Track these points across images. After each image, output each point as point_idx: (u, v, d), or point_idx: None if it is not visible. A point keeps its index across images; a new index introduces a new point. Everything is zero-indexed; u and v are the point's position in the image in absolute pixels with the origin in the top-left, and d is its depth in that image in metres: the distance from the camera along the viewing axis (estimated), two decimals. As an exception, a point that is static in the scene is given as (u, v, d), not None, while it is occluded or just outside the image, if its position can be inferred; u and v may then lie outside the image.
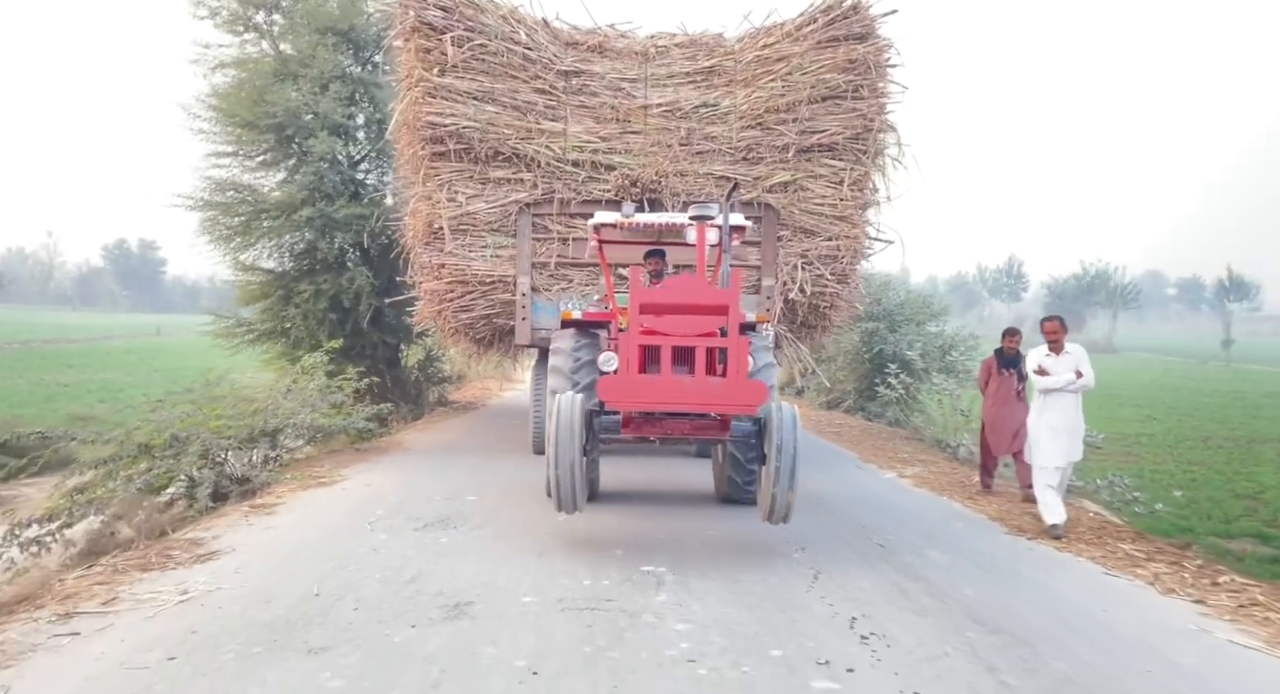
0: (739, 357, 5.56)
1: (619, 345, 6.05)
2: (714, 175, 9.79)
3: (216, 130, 13.15)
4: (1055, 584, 5.40)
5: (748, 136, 9.82)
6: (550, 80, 9.74)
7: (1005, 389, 8.73)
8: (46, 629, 4.14)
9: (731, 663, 3.87)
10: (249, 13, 13.72)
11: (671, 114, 9.86)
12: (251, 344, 13.68)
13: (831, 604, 4.76)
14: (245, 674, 3.64)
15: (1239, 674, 3.99)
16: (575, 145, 9.67)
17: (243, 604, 4.54)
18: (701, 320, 5.65)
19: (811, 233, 9.95)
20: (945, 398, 14.00)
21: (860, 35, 9.89)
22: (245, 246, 13.11)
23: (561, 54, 9.92)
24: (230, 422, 8.48)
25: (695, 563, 5.60)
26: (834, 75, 9.75)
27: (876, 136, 9.89)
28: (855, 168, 9.87)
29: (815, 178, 9.89)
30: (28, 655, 3.83)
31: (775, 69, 9.83)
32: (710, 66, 10.08)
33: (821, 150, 9.87)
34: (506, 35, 9.68)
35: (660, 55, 10.15)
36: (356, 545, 5.83)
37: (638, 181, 9.53)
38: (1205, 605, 5.02)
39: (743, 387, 5.43)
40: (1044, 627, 4.51)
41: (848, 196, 9.87)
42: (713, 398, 5.47)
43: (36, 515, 6.50)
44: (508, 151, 9.60)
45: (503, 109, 9.58)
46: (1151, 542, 6.72)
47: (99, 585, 4.81)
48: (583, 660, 3.87)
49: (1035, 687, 3.72)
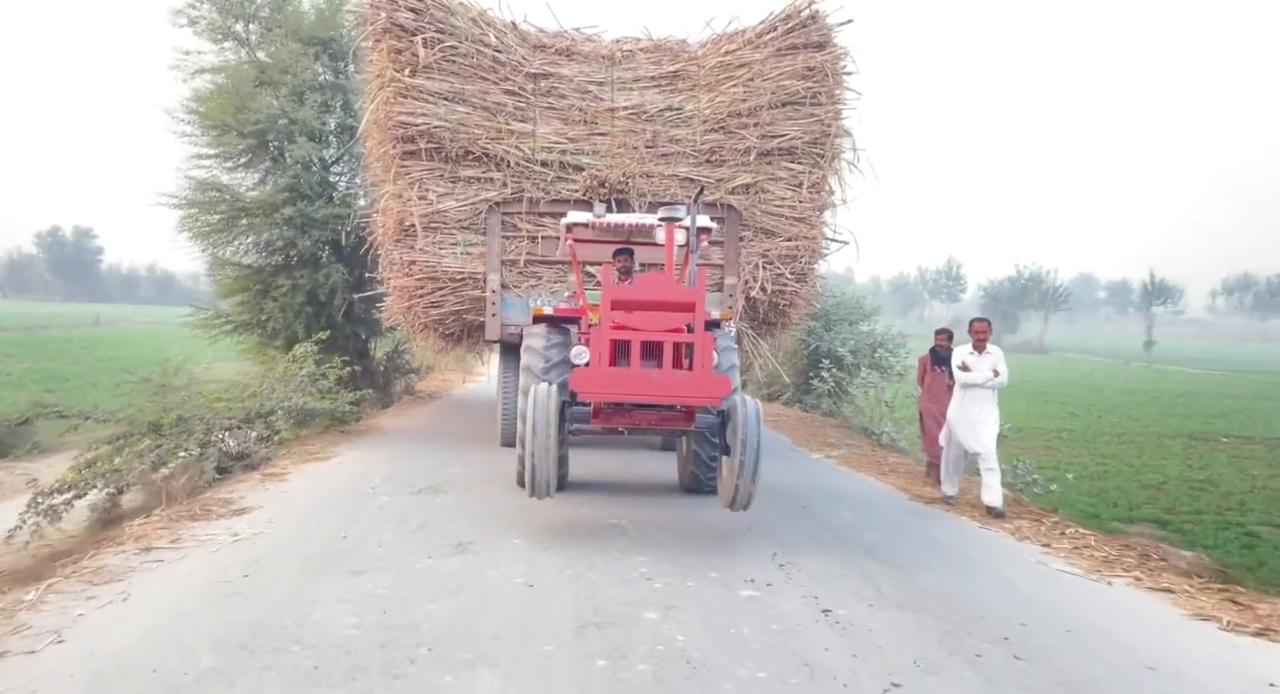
0: (704, 351, 5.77)
1: (590, 339, 6.23)
2: (679, 177, 9.90)
3: (197, 133, 13.78)
4: (935, 532, 6.60)
5: (711, 140, 9.96)
6: (519, 82, 9.79)
7: (938, 384, 9.18)
8: (136, 558, 5.09)
9: (681, 581, 5.06)
10: (228, 22, 14.08)
11: (637, 117, 9.94)
12: (229, 335, 14.48)
13: (759, 546, 5.94)
14: (308, 585, 4.66)
15: (1059, 590, 5.28)
16: (544, 146, 9.74)
17: (286, 543, 5.50)
18: (669, 317, 5.84)
19: (772, 233, 10.12)
20: (872, 390, 15.46)
21: (818, 44, 10.10)
22: (224, 243, 13.89)
23: (530, 57, 9.97)
24: (229, 404, 9.45)
25: (652, 519, 6.47)
26: (793, 82, 9.95)
27: (833, 141, 10.08)
28: (813, 171, 10.07)
29: (775, 180, 10.07)
30: (130, 573, 4.80)
31: (737, 75, 10.00)
32: (674, 71, 10.19)
33: (781, 154, 10.05)
34: (476, 38, 9.72)
35: (626, 59, 10.23)
36: (365, 504, 6.68)
37: (606, 182, 9.64)
38: (1049, 548, 6.31)
39: (708, 380, 5.63)
40: (919, 558, 5.70)
41: (806, 199, 10.06)
42: (679, 390, 5.67)
43: (56, 485, 7.41)
44: (478, 151, 9.64)
45: (473, 109, 9.61)
46: (1025, 507, 8.12)
47: (161, 530, 5.78)
48: (566, 578, 4.92)
49: (903, 593, 4.97)
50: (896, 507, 7.73)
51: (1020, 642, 4.17)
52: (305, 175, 13.64)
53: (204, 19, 14.13)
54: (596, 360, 5.92)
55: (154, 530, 5.70)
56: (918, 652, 3.96)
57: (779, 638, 4.08)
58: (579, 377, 5.67)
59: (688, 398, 5.74)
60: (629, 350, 5.79)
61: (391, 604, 4.36)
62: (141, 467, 7.66)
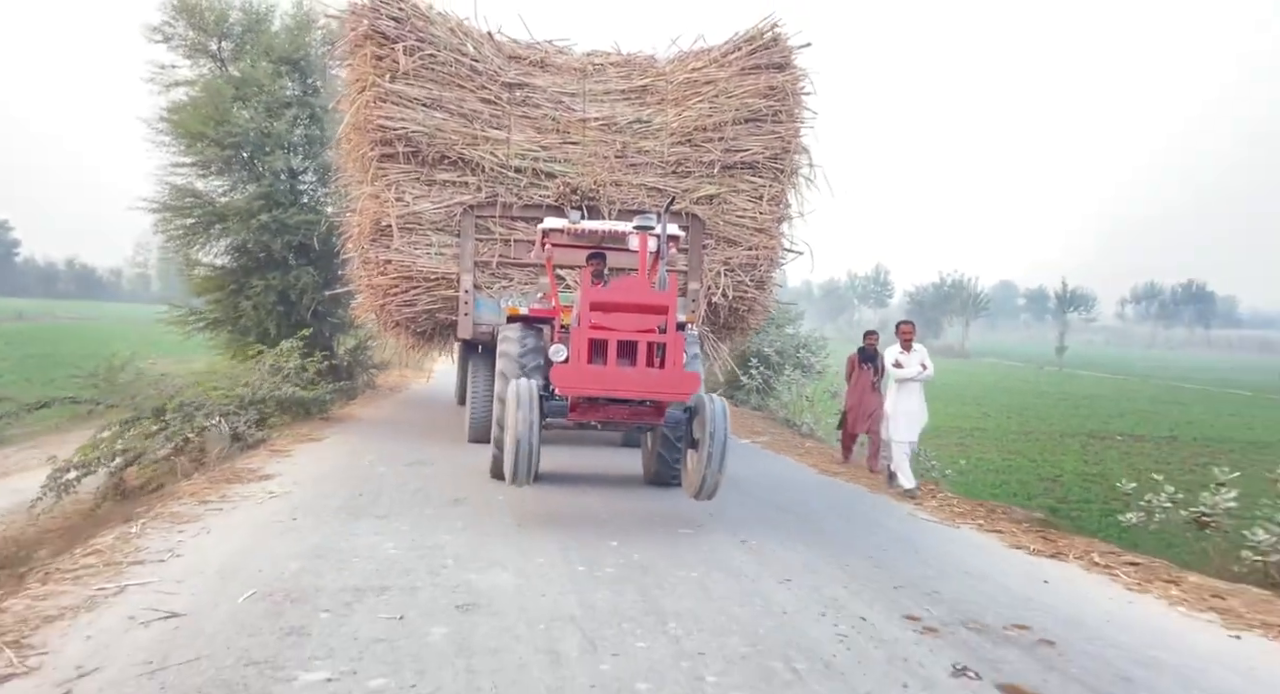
0: (676, 350, 6.15)
1: (570, 338, 6.54)
2: (646, 186, 10.33)
3: (173, 143, 14.74)
4: (834, 495, 8.35)
5: (677, 152, 10.42)
6: (495, 91, 10.17)
7: (864, 380, 10.05)
8: (199, 508, 6.27)
9: (635, 524, 6.50)
10: (203, 39, 15.06)
11: (608, 128, 10.35)
12: (201, 331, 15.51)
13: (693, 504, 7.26)
14: (347, 525, 5.95)
15: (917, 530, 6.90)
16: (518, 153, 10.10)
17: (314, 499, 6.70)
18: (644, 318, 6.20)
19: (733, 242, 10.59)
20: (795, 387, 17.22)
21: (779, 65, 10.63)
22: (199, 245, 14.89)
23: (505, 67, 10.34)
24: (225, 393, 10.62)
25: (614, 491, 7.65)
26: (755, 100, 10.44)
27: (792, 157, 10.63)
28: (773, 185, 10.58)
29: (737, 192, 10.56)
30: (201, 517, 6.06)
31: (703, 91, 10.49)
32: (644, 85, 10.65)
33: (743, 168, 10.54)
34: (454, 47, 10.10)
35: (597, 72, 10.67)
36: (367, 472, 7.96)
37: (577, 189, 10.05)
38: (920, 506, 8.05)
39: (679, 377, 6.04)
40: (819, 511, 7.38)
41: (766, 211, 10.57)
42: (652, 386, 6.04)
43: (73, 461, 8.52)
44: (454, 156, 9.98)
45: (450, 116, 9.96)
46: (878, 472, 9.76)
47: (207, 489, 7.04)
48: (548, 522, 6.29)
49: (802, 531, 6.53)
50: (807, 478, 9.39)
51: (879, 558, 5.79)
52: (278, 184, 14.76)
53: (179, 36, 15.10)
54: (576, 357, 6.25)
55: (201, 490, 6.95)
56: (805, 563, 5.53)
57: (708, 555, 5.61)
58: (559, 372, 6.09)
59: (660, 393, 6.12)
60: (606, 349, 6.15)
61: (416, 536, 5.75)
62: (152, 445, 8.75)
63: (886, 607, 4.66)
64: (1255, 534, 6.55)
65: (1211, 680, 3.88)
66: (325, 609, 4.22)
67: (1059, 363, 65.45)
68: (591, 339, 6.19)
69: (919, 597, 4.89)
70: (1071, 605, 4.95)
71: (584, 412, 6.56)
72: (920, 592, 5.00)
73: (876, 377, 10.03)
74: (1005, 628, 4.42)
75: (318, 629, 3.95)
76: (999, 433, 21.80)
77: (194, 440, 9.19)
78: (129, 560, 4.96)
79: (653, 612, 4.39)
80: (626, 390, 6.08)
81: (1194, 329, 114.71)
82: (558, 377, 6.08)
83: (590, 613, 4.32)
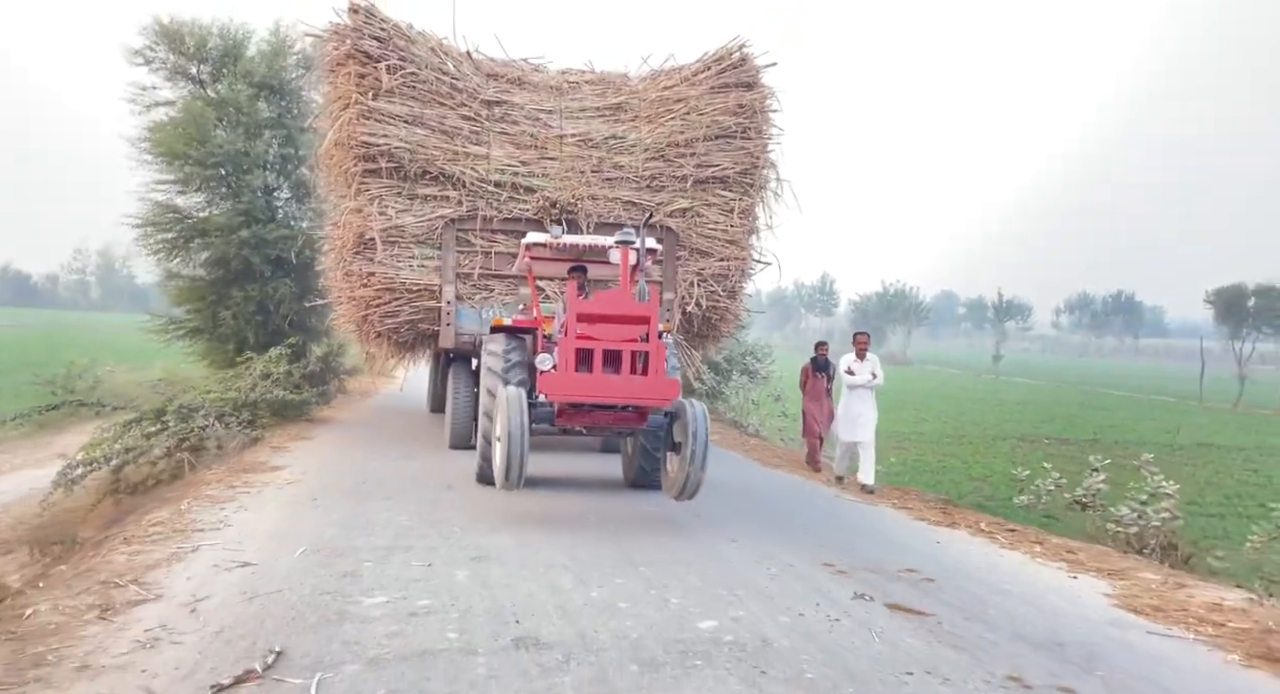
0: (658, 358, 6.46)
1: (558, 347, 6.82)
2: (622, 200, 10.71)
3: (153, 161, 15.42)
4: (778, 482, 9.70)
5: (651, 167, 10.81)
6: (475, 108, 10.52)
7: (817, 387, 10.72)
8: (228, 492, 7.28)
9: (608, 506, 7.70)
10: (184, 63, 15.91)
11: (584, 144, 10.73)
12: (181, 339, 16.38)
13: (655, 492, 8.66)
14: (361, 504, 6.93)
15: (841, 508, 8.28)
16: (497, 168, 10.44)
17: (326, 484, 7.68)
18: (627, 328, 6.52)
19: (706, 254, 11.01)
20: (742, 391, 18.59)
21: (747, 84, 11.06)
22: (180, 257, 15.71)
23: (484, 84, 10.70)
24: (220, 396, 11.55)
25: (594, 485, 8.46)
26: (725, 117, 10.86)
27: (761, 172, 11.10)
28: (743, 198, 11.04)
29: (709, 206, 11.00)
30: (234, 498, 7.05)
31: (675, 109, 10.92)
32: (618, 103, 11.06)
33: (715, 182, 10.98)
34: (435, 66, 10.44)
35: (573, 90, 11.07)
36: (364, 464, 8.95)
37: (556, 203, 10.41)
38: (845, 490, 9.41)
39: (661, 384, 6.40)
40: (766, 493, 8.74)
41: (737, 223, 11.02)
42: (636, 392, 6.39)
43: (80, 459, 9.41)
44: (435, 171, 10.30)
45: (431, 132, 10.28)
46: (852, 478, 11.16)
47: (229, 477, 8.03)
48: (532, 500, 7.42)
49: (756, 507, 7.85)
50: (753, 470, 10.71)
51: (808, 526, 7.11)
52: (256, 201, 15.68)
53: (159, 59, 15.91)
54: (563, 366, 6.52)
55: (224, 477, 7.98)
56: (747, 529, 6.78)
57: (670, 524, 6.82)
58: (547, 380, 6.43)
59: (643, 399, 6.47)
60: (591, 357, 6.46)
61: (423, 511, 6.82)
62: (154, 444, 9.61)
63: (809, 557, 5.94)
64: (1119, 510, 8.01)
65: (1044, 603, 5.24)
66: (366, 560, 5.34)
67: (995, 371, 68.03)
68: (578, 348, 6.49)
69: (835, 551, 6.18)
70: (954, 558, 6.30)
71: (570, 417, 6.84)
72: (837, 548, 6.29)
73: (829, 384, 10.67)
74: (899, 571, 5.73)
75: (365, 572, 5.08)
76: (935, 436, 23.20)
77: (193, 439, 10.04)
78: (190, 528, 6.01)
79: (626, 561, 5.60)
80: (612, 396, 6.45)
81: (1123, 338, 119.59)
82: (546, 384, 6.44)
83: (578, 562, 5.51)
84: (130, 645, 3.86)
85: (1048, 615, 4.95)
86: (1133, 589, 5.62)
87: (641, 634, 4.20)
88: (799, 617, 4.61)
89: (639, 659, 3.88)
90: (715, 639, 4.19)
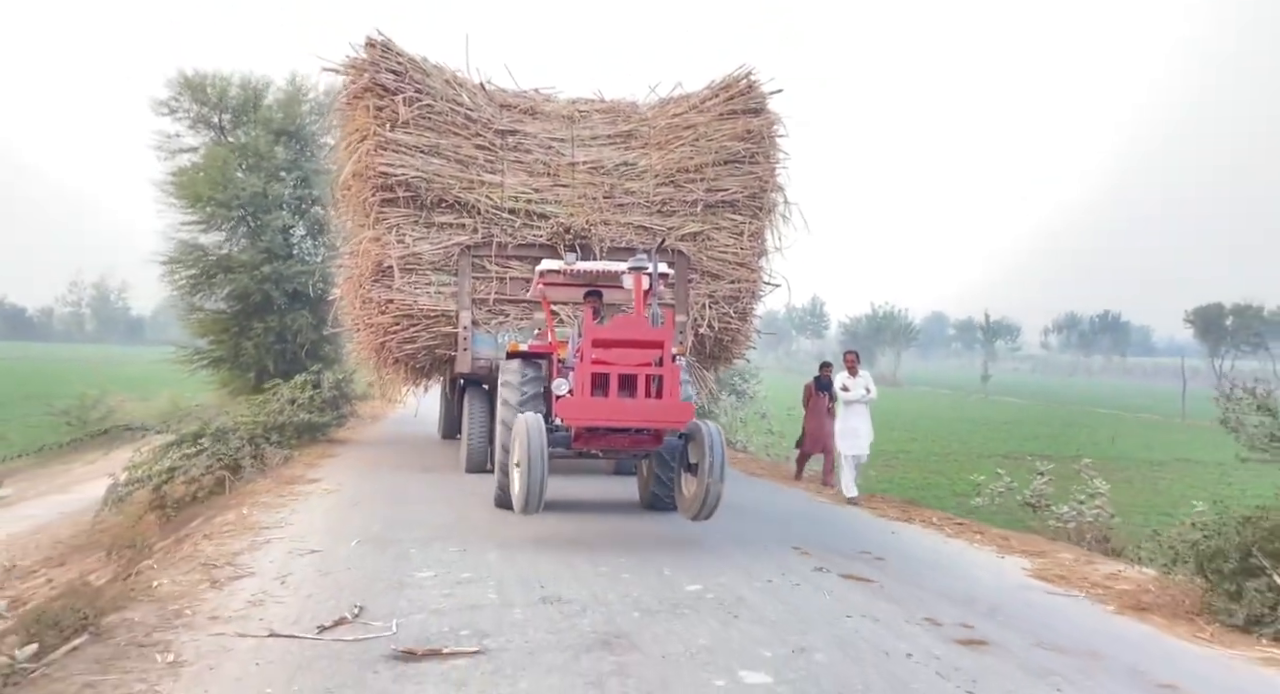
0: (672, 382, 6.59)
1: (574, 372, 6.95)
2: (633, 225, 10.95)
3: (180, 204, 17.04)
4: (760, 487, 10.82)
5: (662, 192, 11.06)
6: (489, 138, 10.81)
7: (820, 406, 11.14)
8: (279, 499, 8.41)
9: (613, 512, 8.79)
10: (206, 112, 17.64)
11: (595, 171, 10.98)
12: (204, 368, 17.69)
13: None
14: (396, 508, 8.06)
15: (815, 508, 9.45)
16: (511, 196, 10.71)
17: (363, 493, 8.87)
18: (642, 352, 6.63)
19: (717, 277, 11.20)
20: (731, 410, 19.76)
21: (755, 110, 11.32)
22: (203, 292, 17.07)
23: (498, 115, 11.00)
24: (251, 419, 12.63)
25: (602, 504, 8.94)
26: (734, 143, 11.12)
27: (769, 196, 11.35)
28: (753, 222, 11.28)
29: (719, 229, 11.22)
30: (286, 504, 8.17)
31: (684, 135, 11.20)
32: (628, 130, 11.32)
33: (724, 206, 11.22)
34: (450, 97, 10.73)
35: (584, 119, 11.33)
36: (391, 478, 10.15)
37: (570, 229, 10.68)
38: (820, 493, 10.58)
39: (676, 407, 6.53)
40: (747, 496, 9.61)
41: (746, 246, 11.24)
42: (651, 415, 6.49)
43: (125, 479, 10.38)
44: (451, 199, 10.55)
45: (447, 162, 10.53)
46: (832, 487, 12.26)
47: (278, 488, 9.13)
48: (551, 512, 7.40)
49: (737, 507, 8.72)
50: (738, 477, 11.68)
51: (783, 521, 8.26)
52: (276, 239, 16.96)
53: (183, 109, 17.33)
54: (580, 390, 6.62)
55: (272, 488, 9.09)
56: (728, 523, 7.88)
57: (665, 520, 7.95)
58: (564, 405, 6.55)
59: (659, 422, 6.58)
60: (608, 382, 6.54)
61: (452, 511, 8.01)
62: (195, 463, 10.62)
63: (780, 542, 7.10)
64: (1060, 508, 9.16)
65: (970, 574, 6.44)
66: (411, 548, 6.45)
67: (984, 390, 69.15)
68: (594, 373, 6.61)
69: (804, 539, 7.32)
70: (904, 544, 7.49)
71: (587, 440, 6.92)
72: (806, 537, 7.43)
73: (831, 403, 10.93)
74: (856, 553, 6.90)
75: (413, 556, 6.20)
76: (922, 455, 23.97)
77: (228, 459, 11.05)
78: (257, 526, 7.13)
79: (628, 545, 6.75)
80: (627, 420, 6.54)
81: (1110, 357, 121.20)
82: (563, 409, 6.57)
83: (589, 548, 6.61)
84: (243, 604, 4.99)
85: (969, 582, 6.13)
86: (1049, 565, 6.80)
87: (641, 593, 5.35)
88: (768, 582, 5.77)
89: (639, 608, 5.02)
90: (699, 596, 5.35)
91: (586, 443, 6.98)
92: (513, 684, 3.83)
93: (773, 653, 4.34)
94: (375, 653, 4.17)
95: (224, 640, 4.34)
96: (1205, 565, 5.27)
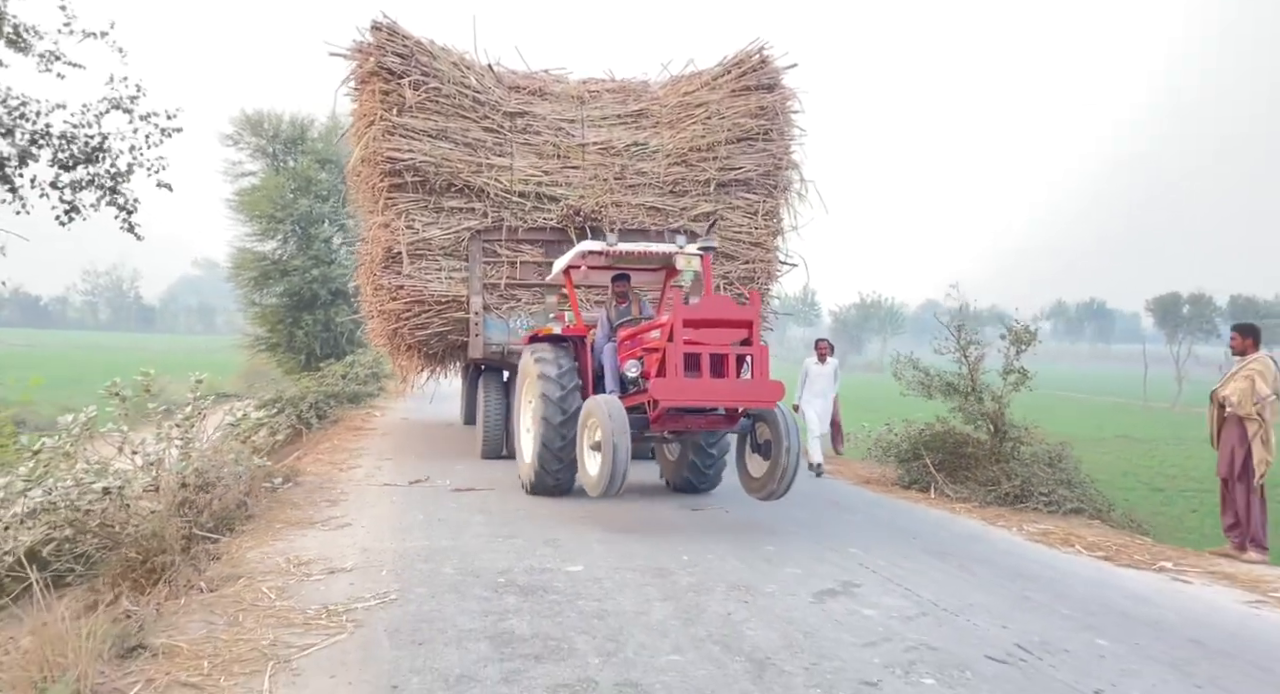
0: (762, 361, 6.60)
1: (665, 353, 6.67)
2: (646, 206, 10.79)
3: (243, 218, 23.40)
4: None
5: (674, 172, 10.86)
6: (497, 120, 10.66)
7: None
8: (353, 437, 12.67)
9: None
10: (263, 144, 23.93)
11: (606, 151, 10.79)
12: (262, 352, 24.48)
13: None
14: (430, 444, 12.06)
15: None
16: (521, 179, 10.55)
17: (406, 435, 12.90)
18: (730, 332, 6.63)
19: (731, 257, 10.99)
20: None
21: (768, 86, 11.10)
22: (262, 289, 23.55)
23: (506, 97, 10.85)
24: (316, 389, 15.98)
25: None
26: (747, 120, 10.91)
27: (784, 174, 11.14)
28: (767, 201, 11.10)
29: (733, 209, 11.02)
30: (358, 440, 12.44)
31: (696, 113, 11.01)
32: (639, 110, 11.15)
33: (738, 185, 11.04)
34: (457, 80, 10.57)
35: (594, 99, 11.17)
36: (424, 429, 13.85)
37: (580, 211, 10.52)
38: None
39: (767, 385, 6.53)
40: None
41: (761, 226, 11.06)
42: (744, 394, 6.52)
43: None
44: (460, 183, 10.41)
45: (455, 145, 10.39)
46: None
47: (348, 433, 13.06)
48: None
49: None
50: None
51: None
52: (322, 248, 23.48)
53: (245, 141, 24.35)
54: (673, 371, 6.52)
55: (344, 433, 13.48)
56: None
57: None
58: (660, 385, 6.49)
59: (753, 400, 6.61)
60: (699, 362, 6.53)
61: (466, 444, 10.28)
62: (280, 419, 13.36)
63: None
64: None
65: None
66: (444, 458, 9.95)
67: (968, 375, 69.73)
68: (686, 353, 6.54)
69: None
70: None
71: (666, 422, 6.96)
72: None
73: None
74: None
75: (446, 461, 9.43)
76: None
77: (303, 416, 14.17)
78: (347, 448, 11.43)
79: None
80: (721, 399, 6.61)
81: (1095, 344, 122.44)
82: (658, 389, 6.52)
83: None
84: (362, 476, 9.14)
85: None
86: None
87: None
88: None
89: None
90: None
91: (665, 424, 7.00)
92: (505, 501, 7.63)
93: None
94: (441, 491, 8.22)
95: (360, 487, 8.37)
96: (898, 456, 9.99)
